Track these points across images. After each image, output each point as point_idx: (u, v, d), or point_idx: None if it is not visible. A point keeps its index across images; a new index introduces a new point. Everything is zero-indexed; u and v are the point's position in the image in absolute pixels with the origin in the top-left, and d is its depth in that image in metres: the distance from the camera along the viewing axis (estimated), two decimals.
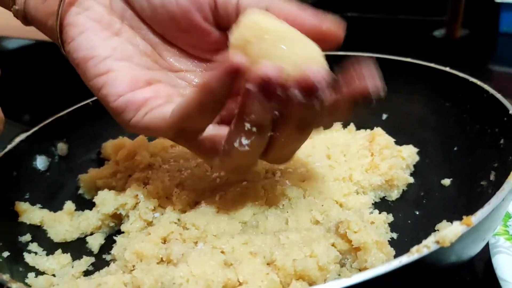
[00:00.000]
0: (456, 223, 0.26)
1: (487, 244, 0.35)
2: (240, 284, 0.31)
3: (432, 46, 0.47)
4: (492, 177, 0.38)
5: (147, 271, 0.33)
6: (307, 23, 0.32)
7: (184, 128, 0.32)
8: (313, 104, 0.28)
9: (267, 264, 0.33)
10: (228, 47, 0.32)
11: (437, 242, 0.24)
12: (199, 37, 0.37)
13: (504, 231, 0.36)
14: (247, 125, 0.29)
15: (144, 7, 0.36)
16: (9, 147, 0.46)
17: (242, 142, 0.30)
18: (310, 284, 0.31)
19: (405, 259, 0.24)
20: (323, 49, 0.31)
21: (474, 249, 0.31)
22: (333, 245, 0.34)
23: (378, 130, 0.48)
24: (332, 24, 0.32)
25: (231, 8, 0.35)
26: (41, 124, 0.51)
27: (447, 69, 0.50)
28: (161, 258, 0.36)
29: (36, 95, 0.79)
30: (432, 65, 0.51)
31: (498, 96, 0.41)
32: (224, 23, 0.36)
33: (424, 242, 0.24)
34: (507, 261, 0.32)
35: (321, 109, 0.29)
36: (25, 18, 0.38)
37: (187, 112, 0.30)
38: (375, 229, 0.35)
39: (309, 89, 0.28)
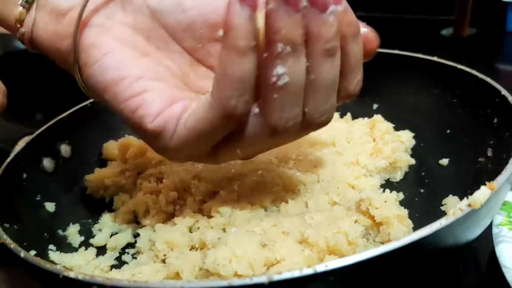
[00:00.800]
0: (484, 187, 0.28)
1: (490, 235, 0.36)
2: (278, 262, 0.32)
3: (440, 45, 0.49)
4: (489, 153, 0.42)
5: (183, 258, 0.35)
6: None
7: (229, 107, 0.28)
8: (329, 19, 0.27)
9: (299, 242, 0.35)
10: None
11: (469, 205, 0.27)
12: None
13: (507, 221, 0.37)
14: (280, 45, 0.26)
15: (179, 19, 0.34)
16: (17, 149, 0.46)
17: (279, 72, 0.27)
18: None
19: (444, 221, 0.26)
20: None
21: (487, 220, 0.34)
22: (356, 221, 0.37)
23: (378, 117, 0.51)
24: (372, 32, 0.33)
25: None
26: (45, 126, 0.51)
27: (435, 58, 0.53)
28: (192, 246, 0.37)
29: (39, 96, 0.78)
30: (419, 55, 0.55)
31: (488, 79, 0.45)
32: None
33: (459, 205, 0.27)
34: (510, 250, 0.34)
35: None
36: (32, 42, 0.36)
37: (225, 82, 0.28)
38: (394, 204, 0.38)
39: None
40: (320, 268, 0.24)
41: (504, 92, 0.42)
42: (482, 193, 0.28)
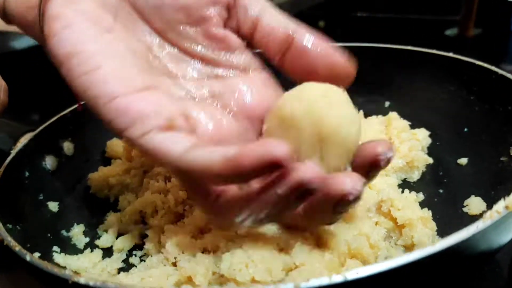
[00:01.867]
0: None
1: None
2: (297, 267, 0.31)
3: (445, 45, 0.48)
4: None
5: (194, 261, 0.33)
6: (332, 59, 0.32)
7: (192, 177, 0.29)
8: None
9: (318, 246, 0.33)
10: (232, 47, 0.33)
11: (507, 207, 0.25)
12: (208, 31, 0.34)
13: None
14: (261, 215, 0.28)
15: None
16: (19, 146, 0.44)
17: (244, 223, 0.29)
18: (363, 263, 0.32)
19: (481, 225, 0.24)
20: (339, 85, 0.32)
21: None
22: (377, 223, 0.35)
23: (393, 115, 0.49)
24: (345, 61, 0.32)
25: (250, 16, 0.33)
26: (47, 123, 0.49)
27: (450, 54, 0.51)
28: (204, 248, 0.35)
29: (39, 95, 0.76)
30: (434, 51, 0.53)
31: (509, 75, 0.43)
32: (234, 25, 0.34)
33: (495, 207, 0.25)
34: None
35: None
36: (6, 15, 0.35)
37: (204, 172, 0.27)
38: (415, 205, 0.36)
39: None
40: (351, 275, 0.23)
41: None
42: None
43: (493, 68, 0.46)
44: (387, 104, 0.57)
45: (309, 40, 0.32)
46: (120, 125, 0.29)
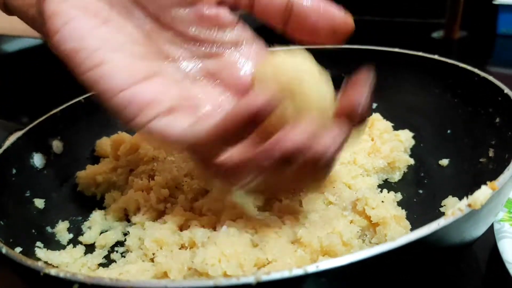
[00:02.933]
0: (485, 187, 0.27)
1: (491, 233, 0.36)
2: (270, 262, 0.31)
3: (431, 47, 0.49)
4: (491, 154, 0.40)
5: (171, 257, 0.34)
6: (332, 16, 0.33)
7: (200, 150, 0.32)
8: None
9: (292, 243, 0.33)
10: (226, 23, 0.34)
11: (469, 205, 0.26)
12: (200, 12, 0.35)
13: (509, 218, 0.37)
14: (259, 178, 0.29)
15: None
16: (7, 144, 0.45)
17: (256, 177, 0.29)
18: None
19: (442, 222, 0.25)
20: (336, 42, 0.33)
21: (490, 220, 0.32)
22: (351, 222, 0.35)
23: (376, 116, 0.50)
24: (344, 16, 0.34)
25: None
26: (36, 122, 0.49)
27: (436, 56, 0.52)
28: (182, 244, 0.36)
29: (30, 96, 0.77)
30: (420, 53, 0.54)
31: (491, 78, 0.44)
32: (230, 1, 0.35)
33: (458, 205, 0.26)
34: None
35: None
36: (7, 8, 0.36)
37: (207, 139, 0.30)
38: (391, 205, 0.36)
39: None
40: (311, 268, 0.23)
41: (507, 90, 0.41)
42: (482, 193, 0.26)
43: (475, 70, 0.46)
44: (374, 105, 0.57)
45: (308, 1, 0.33)
46: (129, 116, 0.31)
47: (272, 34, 0.37)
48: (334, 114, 0.31)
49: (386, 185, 0.45)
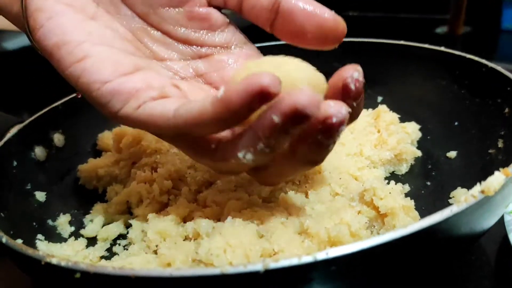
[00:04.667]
0: (498, 173, 0.26)
1: (500, 226, 0.35)
2: (276, 253, 0.30)
3: (435, 43, 0.48)
4: (500, 144, 0.40)
5: (175, 248, 0.33)
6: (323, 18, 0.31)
7: (188, 133, 0.29)
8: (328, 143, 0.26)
9: (298, 233, 0.33)
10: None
11: (483, 191, 0.25)
12: (191, 11, 0.34)
13: None
14: (261, 145, 0.26)
15: None
16: (8, 136, 0.44)
17: (246, 156, 0.27)
18: None
19: (455, 208, 0.24)
20: (325, 46, 0.32)
21: (502, 209, 0.32)
22: (359, 212, 0.35)
23: (382, 107, 0.49)
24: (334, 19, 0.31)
25: None
26: (37, 114, 0.49)
27: (442, 48, 0.51)
28: (186, 236, 0.35)
29: (32, 91, 0.77)
30: (426, 45, 0.53)
31: (499, 68, 0.43)
32: (221, 0, 0.34)
33: (470, 192, 0.25)
34: None
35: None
36: None
37: (198, 121, 0.27)
38: (399, 196, 0.36)
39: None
40: (321, 256, 0.22)
41: None
42: (496, 179, 0.26)
43: (483, 61, 0.45)
44: (379, 99, 0.57)
45: (295, 1, 0.31)
46: (116, 105, 0.30)
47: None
48: (326, 96, 0.29)
49: (393, 177, 0.44)
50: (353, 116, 0.30)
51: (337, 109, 0.25)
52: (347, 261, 0.23)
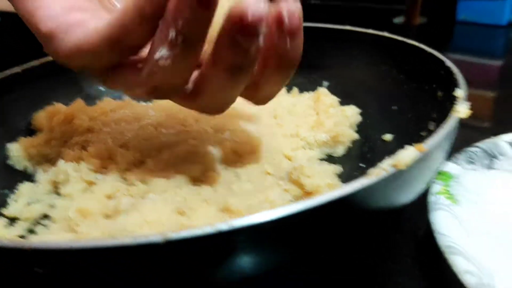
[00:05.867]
0: (410, 148, 0.26)
1: (424, 206, 0.36)
2: None
3: (392, 32, 0.49)
4: (431, 127, 0.40)
5: (94, 226, 0.32)
6: None
7: (120, 41, 0.27)
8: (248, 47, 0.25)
9: (222, 211, 0.32)
10: None
11: (394, 165, 0.25)
12: None
13: (445, 191, 0.37)
14: (172, 33, 0.25)
15: None
16: None
17: (163, 53, 0.26)
18: None
19: (365, 181, 0.24)
20: None
21: (419, 185, 0.32)
22: (285, 190, 0.34)
23: (323, 90, 0.49)
24: None
25: None
26: None
27: (385, 33, 0.51)
28: (107, 214, 0.34)
29: None
30: (370, 30, 0.53)
31: (435, 52, 0.43)
32: None
33: (381, 165, 0.25)
34: (445, 217, 0.34)
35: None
36: None
37: (124, 21, 0.26)
38: (329, 176, 0.35)
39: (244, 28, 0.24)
40: (224, 226, 0.22)
41: (448, 63, 0.40)
42: (407, 154, 0.26)
43: (421, 46, 0.46)
44: (325, 84, 0.56)
45: None
46: (57, 42, 0.29)
47: None
48: None
49: (329, 159, 0.44)
50: (288, 61, 0.29)
51: (254, 3, 0.24)
52: (255, 232, 0.23)
